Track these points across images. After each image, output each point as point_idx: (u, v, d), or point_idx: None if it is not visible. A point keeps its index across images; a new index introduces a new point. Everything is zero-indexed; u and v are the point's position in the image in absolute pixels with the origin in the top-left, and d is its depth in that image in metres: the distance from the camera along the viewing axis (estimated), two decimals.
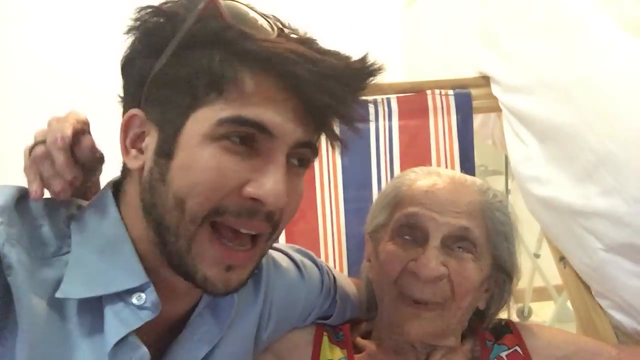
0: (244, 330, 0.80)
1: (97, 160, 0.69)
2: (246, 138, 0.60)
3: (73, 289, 0.61)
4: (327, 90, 0.59)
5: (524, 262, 2.66)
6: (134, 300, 0.62)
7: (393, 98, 1.34)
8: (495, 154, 1.69)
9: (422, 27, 2.11)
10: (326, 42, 0.65)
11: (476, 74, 1.39)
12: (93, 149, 0.67)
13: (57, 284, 0.61)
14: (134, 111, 0.64)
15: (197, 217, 0.61)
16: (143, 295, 0.62)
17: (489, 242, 0.87)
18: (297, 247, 0.96)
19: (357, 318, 0.99)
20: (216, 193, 0.60)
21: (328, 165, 1.32)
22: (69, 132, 0.65)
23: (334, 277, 0.97)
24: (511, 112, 1.27)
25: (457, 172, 0.96)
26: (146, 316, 0.62)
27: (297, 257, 0.92)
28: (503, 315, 0.97)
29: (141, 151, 0.64)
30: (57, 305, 0.61)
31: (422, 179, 0.91)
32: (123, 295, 0.62)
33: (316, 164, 1.30)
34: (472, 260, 0.85)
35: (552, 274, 2.28)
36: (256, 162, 0.61)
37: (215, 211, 0.61)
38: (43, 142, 0.66)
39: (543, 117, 1.16)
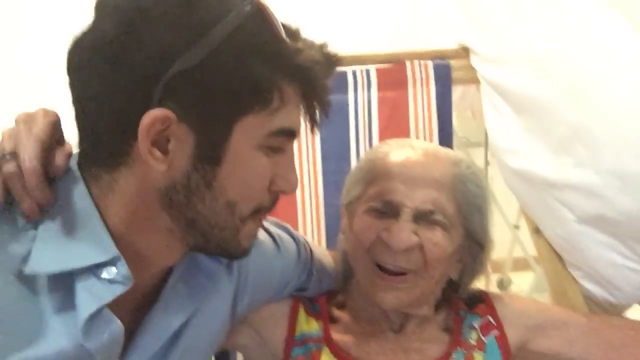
0: (218, 302, 0.81)
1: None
2: None
3: (42, 265, 0.60)
4: (326, 88, 0.66)
5: (504, 233, 2.72)
6: (105, 274, 0.61)
7: (372, 69, 1.33)
8: (477, 126, 1.70)
9: None
10: (310, 12, 0.65)
11: (457, 45, 1.39)
12: (66, 159, 0.65)
13: (26, 259, 0.60)
14: (164, 112, 0.58)
15: (246, 215, 0.67)
16: (114, 268, 0.61)
17: (460, 214, 0.88)
18: (274, 219, 0.96)
19: (333, 290, 1.00)
20: (262, 195, 0.67)
21: (307, 137, 1.31)
22: (38, 152, 0.62)
23: (311, 250, 0.98)
24: (489, 84, 1.27)
25: (430, 143, 0.97)
26: (118, 290, 0.61)
27: (274, 230, 0.93)
28: (482, 285, 0.99)
29: (166, 152, 0.61)
30: (27, 281, 0.60)
31: (395, 151, 0.91)
32: (94, 269, 0.61)
33: None
34: (442, 232, 0.86)
35: (532, 245, 2.32)
36: (278, 159, 0.67)
37: (258, 209, 0.68)
38: (13, 154, 0.62)
39: (520, 89, 1.17)
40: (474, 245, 0.92)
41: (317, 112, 0.67)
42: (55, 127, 0.66)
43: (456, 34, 1.39)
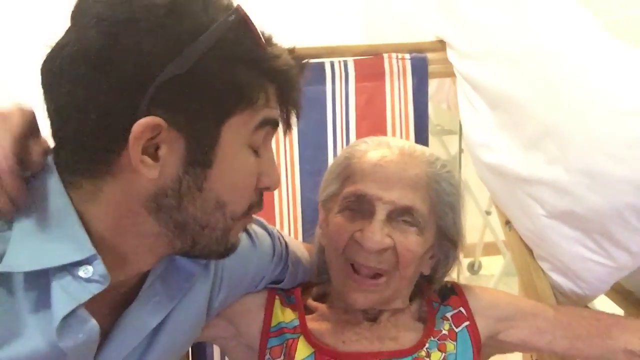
0: (195, 300, 0.82)
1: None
2: None
3: (17, 263, 0.59)
4: (299, 91, 0.70)
5: (476, 219, 2.75)
6: (81, 273, 0.60)
7: (350, 61, 1.34)
8: (450, 114, 1.72)
9: None
10: (286, 5, 0.67)
11: (434, 38, 1.40)
12: (42, 156, 0.65)
13: (1, 258, 0.59)
14: (154, 120, 0.58)
15: (238, 215, 0.69)
16: (90, 267, 0.61)
17: (433, 213, 0.90)
18: None
19: (308, 282, 1.02)
20: (252, 192, 0.69)
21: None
22: (13, 149, 0.61)
23: (285, 243, 1.00)
24: (464, 78, 1.29)
25: (407, 142, 0.98)
26: (95, 289, 0.61)
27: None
28: (453, 270, 1.02)
29: (156, 159, 0.61)
30: (3, 281, 0.60)
31: (372, 150, 0.93)
32: (70, 268, 0.60)
33: None
34: (416, 234, 0.88)
35: (502, 231, 2.37)
36: (262, 157, 0.69)
37: (249, 208, 0.70)
38: None
39: (494, 85, 1.19)
40: (446, 242, 0.94)
41: (291, 114, 0.71)
42: (30, 123, 0.65)
43: (433, 27, 1.40)
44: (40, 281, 0.60)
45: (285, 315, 0.94)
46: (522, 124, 1.11)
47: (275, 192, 1.30)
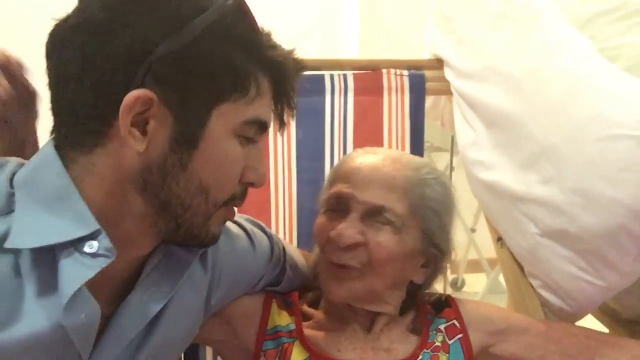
0: (193, 295, 0.82)
1: (30, 93, 0.71)
2: None
3: (22, 239, 0.60)
4: (294, 89, 0.71)
5: (461, 236, 2.78)
6: (87, 248, 0.61)
7: (349, 74, 1.36)
8: (441, 131, 1.75)
9: (380, 7, 2.13)
10: (286, 17, 0.69)
11: (430, 56, 1.43)
12: (25, 79, 0.69)
13: (6, 236, 0.61)
14: (146, 93, 0.61)
15: (219, 203, 0.70)
16: (95, 242, 0.62)
17: (414, 215, 0.91)
18: (247, 216, 0.99)
19: (305, 287, 1.03)
20: (236, 183, 0.70)
21: (283, 136, 1.33)
22: None
23: (283, 247, 1.01)
24: (461, 97, 1.31)
25: (396, 151, 1.01)
26: (102, 262, 0.62)
27: (248, 226, 0.95)
28: (439, 286, 1.03)
29: (144, 133, 0.63)
30: (9, 259, 0.60)
31: (359, 157, 0.96)
32: (76, 244, 0.61)
33: (271, 134, 1.31)
34: (391, 232, 0.89)
35: (486, 248, 2.39)
36: (250, 150, 0.70)
37: (231, 198, 0.71)
38: None
39: (492, 104, 1.21)
40: (433, 250, 0.95)
41: (285, 112, 0.72)
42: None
43: (431, 46, 1.43)
44: (46, 258, 0.61)
45: (281, 319, 0.95)
46: (518, 143, 1.13)
47: (272, 200, 1.31)
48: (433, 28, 1.42)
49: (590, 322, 1.21)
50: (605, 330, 1.33)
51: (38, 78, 0.69)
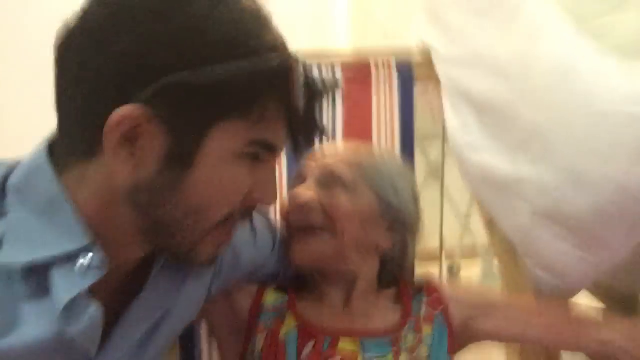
0: (197, 289, 0.83)
1: None
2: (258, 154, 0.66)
3: (16, 254, 0.60)
4: (311, 116, 0.66)
5: (455, 223, 2.81)
6: (80, 261, 0.61)
7: (337, 65, 1.36)
8: (434, 119, 1.76)
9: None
10: (275, 8, 0.67)
11: (419, 43, 1.44)
12: None
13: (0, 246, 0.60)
14: (134, 110, 0.57)
15: (214, 223, 0.66)
16: (88, 255, 0.61)
17: (365, 184, 0.95)
18: None
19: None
20: (234, 204, 0.67)
21: None
22: None
23: None
24: (450, 83, 1.32)
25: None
26: (95, 275, 0.61)
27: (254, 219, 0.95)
28: (435, 272, 1.05)
29: (134, 151, 0.60)
30: (1, 272, 0.60)
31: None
32: (69, 257, 0.61)
33: None
34: (343, 193, 0.93)
35: (481, 234, 2.42)
36: (259, 172, 0.66)
37: (228, 216, 0.67)
38: None
39: (480, 89, 1.22)
40: (394, 213, 0.96)
41: (298, 138, 0.67)
42: None
43: (418, 33, 1.44)
44: (39, 271, 0.60)
45: (275, 297, 0.98)
46: (506, 126, 1.15)
47: None
48: (421, 17, 1.43)
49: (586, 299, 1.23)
50: (601, 306, 1.35)
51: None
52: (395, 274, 1.01)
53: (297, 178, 0.99)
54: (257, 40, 0.61)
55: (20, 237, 0.61)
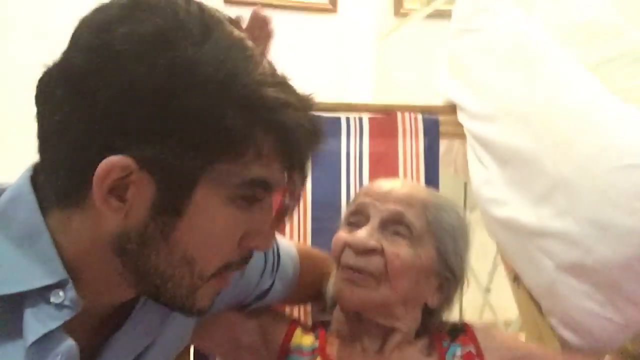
0: (182, 321, 0.78)
1: None
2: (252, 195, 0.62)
3: None
4: (306, 153, 0.64)
5: (475, 297, 2.74)
6: (53, 298, 0.58)
7: (365, 117, 1.39)
8: (454, 179, 1.76)
9: (393, 59, 2.21)
10: (306, 69, 0.67)
11: (443, 102, 1.47)
12: None
13: None
14: (123, 160, 0.55)
15: (207, 275, 0.63)
16: (62, 292, 0.58)
17: (430, 234, 0.93)
18: None
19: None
20: (228, 253, 0.64)
21: None
22: None
23: (279, 256, 0.97)
24: (475, 138, 1.34)
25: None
26: (66, 315, 0.58)
27: None
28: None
29: (124, 200, 0.57)
30: None
31: (380, 180, 1.00)
32: (42, 292, 0.58)
33: None
34: (407, 245, 0.90)
35: (501, 310, 2.35)
36: (254, 213, 0.63)
37: (224, 267, 0.65)
38: None
39: (504, 143, 1.24)
40: (448, 274, 0.95)
41: (295, 176, 0.64)
42: None
43: (442, 91, 1.47)
44: (13, 301, 0.58)
45: (304, 340, 0.95)
46: (531, 179, 1.15)
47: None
48: (444, 73, 1.47)
49: None
50: None
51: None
52: (432, 326, 0.99)
53: (356, 214, 0.95)
54: (246, 77, 0.58)
55: None
